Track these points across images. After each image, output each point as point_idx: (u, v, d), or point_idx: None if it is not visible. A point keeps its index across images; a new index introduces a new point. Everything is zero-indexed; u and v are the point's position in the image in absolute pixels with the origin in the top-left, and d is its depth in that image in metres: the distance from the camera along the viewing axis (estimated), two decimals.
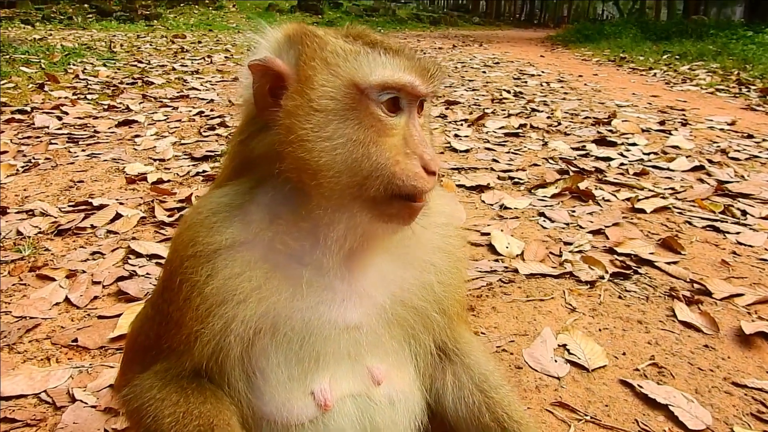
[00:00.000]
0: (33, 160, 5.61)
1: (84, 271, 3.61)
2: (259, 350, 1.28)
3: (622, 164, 5.94)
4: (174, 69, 10.94)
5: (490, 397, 1.48)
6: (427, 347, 1.46)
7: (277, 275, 1.27)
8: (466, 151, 6.33)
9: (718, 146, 6.58)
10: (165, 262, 1.40)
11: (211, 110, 7.90)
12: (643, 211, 4.62)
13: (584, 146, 6.53)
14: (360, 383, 1.34)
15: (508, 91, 10.10)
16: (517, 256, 3.84)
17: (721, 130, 7.46)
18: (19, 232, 4.12)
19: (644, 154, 6.33)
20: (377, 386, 1.36)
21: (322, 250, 1.26)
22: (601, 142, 6.72)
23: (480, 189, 5.13)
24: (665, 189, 5.16)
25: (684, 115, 8.45)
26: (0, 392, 2.58)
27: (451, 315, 1.48)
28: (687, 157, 6.11)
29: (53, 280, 3.51)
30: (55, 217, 4.36)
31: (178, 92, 8.86)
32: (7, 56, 10.09)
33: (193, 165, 5.65)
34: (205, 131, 6.86)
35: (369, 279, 1.33)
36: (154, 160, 5.79)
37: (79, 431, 2.41)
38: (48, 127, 6.68)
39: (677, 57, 16.92)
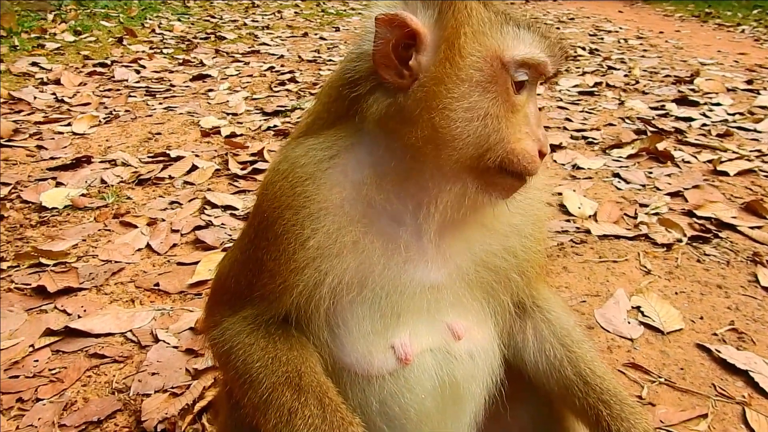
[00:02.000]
0: (114, 112, 5.82)
1: (163, 220, 3.76)
2: (346, 303, 1.29)
3: (704, 125, 5.65)
4: (245, 24, 11.03)
5: (573, 351, 1.46)
6: (506, 305, 1.45)
7: (373, 232, 1.27)
8: (539, 109, 6.15)
9: None
10: (255, 207, 1.38)
11: (282, 66, 7.95)
12: (725, 173, 4.41)
13: (663, 106, 6.24)
14: (440, 338, 1.35)
15: (583, 48, 9.71)
16: (589, 216, 3.75)
17: None
18: (103, 181, 4.31)
19: (729, 114, 5.99)
20: (457, 341, 1.36)
21: (424, 214, 1.26)
22: (682, 101, 6.40)
23: (552, 148, 5.00)
24: (751, 151, 4.89)
25: None
26: None
27: (530, 275, 1.47)
28: None
29: (135, 227, 3.67)
30: (136, 168, 4.53)
31: (249, 47, 8.95)
32: (89, 10, 10.41)
33: (264, 120, 5.73)
34: (275, 86, 6.93)
35: (456, 244, 1.33)
36: (227, 114, 5.91)
37: (163, 369, 2.55)
38: (127, 80, 6.91)
39: None
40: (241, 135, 5.30)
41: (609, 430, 1.36)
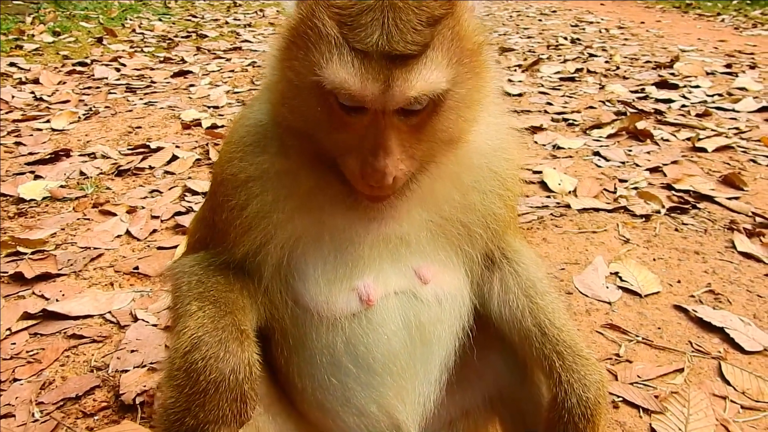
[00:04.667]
0: (93, 108, 5.79)
1: (143, 207, 3.74)
2: (300, 255, 1.32)
3: (683, 106, 5.70)
4: (227, 23, 11.02)
5: (535, 302, 1.47)
6: (474, 257, 1.46)
7: (319, 192, 1.29)
8: (519, 95, 6.19)
9: None
10: (213, 170, 1.45)
11: (264, 61, 7.94)
12: (704, 150, 4.44)
13: (644, 89, 6.28)
14: (406, 282, 1.36)
15: (565, 38, 9.76)
16: (569, 192, 3.76)
17: None
18: (82, 173, 4.28)
19: (708, 96, 6.04)
20: (424, 285, 1.37)
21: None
22: (662, 85, 6.44)
23: (533, 130, 5.02)
24: (729, 128, 4.93)
25: (753, 58, 7.99)
26: None
27: (496, 229, 1.47)
28: (754, 98, 5.81)
29: (114, 215, 3.65)
30: (115, 159, 4.51)
31: (231, 44, 8.94)
32: (67, 12, 10.35)
33: None
34: (257, 80, 6.92)
35: (412, 200, 1.33)
36: (209, 107, 5.90)
37: (142, 346, 2.53)
38: (107, 78, 6.87)
39: (748, 2, 15.95)
40: (223, 126, 5.29)
41: (560, 380, 1.36)
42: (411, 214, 1.34)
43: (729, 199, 3.58)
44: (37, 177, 4.18)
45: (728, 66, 7.35)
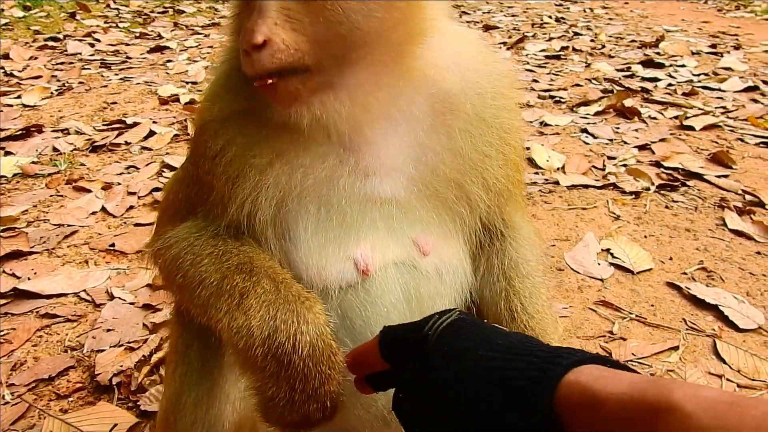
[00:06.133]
0: (67, 84, 5.59)
1: (119, 184, 3.61)
2: (292, 215, 1.23)
3: (669, 84, 5.65)
4: None
5: (512, 286, 1.37)
6: (474, 226, 1.37)
7: (295, 143, 1.20)
8: (510, 68, 6.10)
9: None
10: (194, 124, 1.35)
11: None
12: (692, 128, 4.40)
13: (629, 68, 6.23)
14: (405, 253, 1.27)
15: (550, 17, 9.66)
16: (558, 169, 3.70)
17: None
18: (55, 149, 4.12)
19: (694, 75, 6.00)
20: (424, 257, 1.29)
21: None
22: (648, 63, 6.39)
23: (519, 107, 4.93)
24: (716, 107, 4.90)
25: (737, 39, 7.98)
26: None
27: (498, 192, 1.37)
28: (740, 77, 5.78)
29: (89, 191, 3.51)
30: (90, 135, 4.35)
31: (209, 20, 8.70)
32: None
33: None
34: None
35: (390, 148, 1.24)
36: (187, 83, 5.73)
37: (118, 325, 2.43)
38: (80, 54, 6.64)
39: None
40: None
41: None
42: (393, 168, 1.24)
43: (718, 177, 3.54)
44: (7, 153, 4.02)
45: (713, 46, 7.32)
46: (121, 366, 2.16)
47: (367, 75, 1.15)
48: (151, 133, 4.35)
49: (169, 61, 6.50)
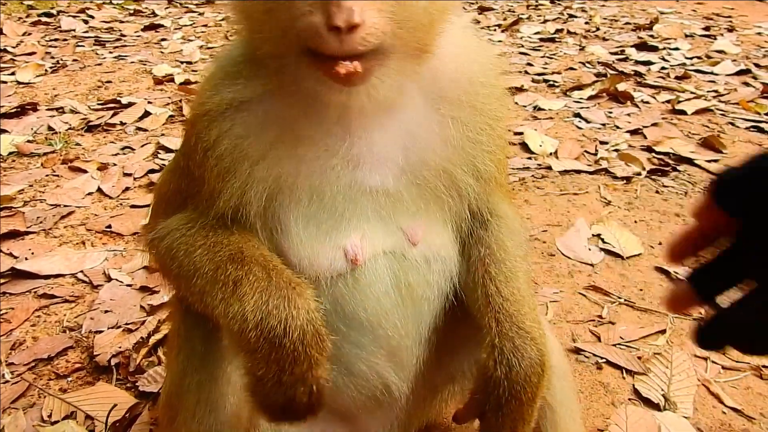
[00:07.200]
0: (61, 61, 5.56)
1: (115, 164, 3.62)
2: (282, 207, 1.25)
3: (663, 68, 5.67)
4: None
5: (488, 271, 1.36)
6: (462, 215, 1.39)
7: (292, 132, 1.22)
8: (499, 55, 6.10)
9: (767, 51, 6.24)
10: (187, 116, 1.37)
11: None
12: (683, 112, 4.43)
13: (623, 51, 6.24)
14: (394, 242, 1.30)
15: None
16: (550, 154, 3.73)
17: None
18: (50, 128, 4.13)
19: (687, 58, 6.02)
20: (413, 246, 1.32)
21: (316, 110, 1.19)
22: (642, 46, 6.40)
23: (513, 91, 4.95)
24: (708, 92, 4.93)
25: (731, 22, 7.99)
26: None
27: (487, 179, 1.39)
28: (732, 61, 5.80)
29: (85, 171, 3.53)
30: (85, 114, 4.35)
31: None
32: None
33: None
34: (231, 35, 6.71)
35: (383, 138, 1.26)
36: (181, 62, 5.71)
37: (116, 307, 2.46)
38: (74, 30, 6.60)
39: None
40: (196, 82, 5.12)
41: (492, 346, 1.27)
42: (383, 158, 1.25)
43: (709, 161, 3.58)
44: (2, 131, 4.01)
45: (706, 29, 7.33)
46: (120, 347, 2.19)
47: (402, 63, 1.13)
48: (146, 114, 4.35)
49: (163, 39, 6.47)
